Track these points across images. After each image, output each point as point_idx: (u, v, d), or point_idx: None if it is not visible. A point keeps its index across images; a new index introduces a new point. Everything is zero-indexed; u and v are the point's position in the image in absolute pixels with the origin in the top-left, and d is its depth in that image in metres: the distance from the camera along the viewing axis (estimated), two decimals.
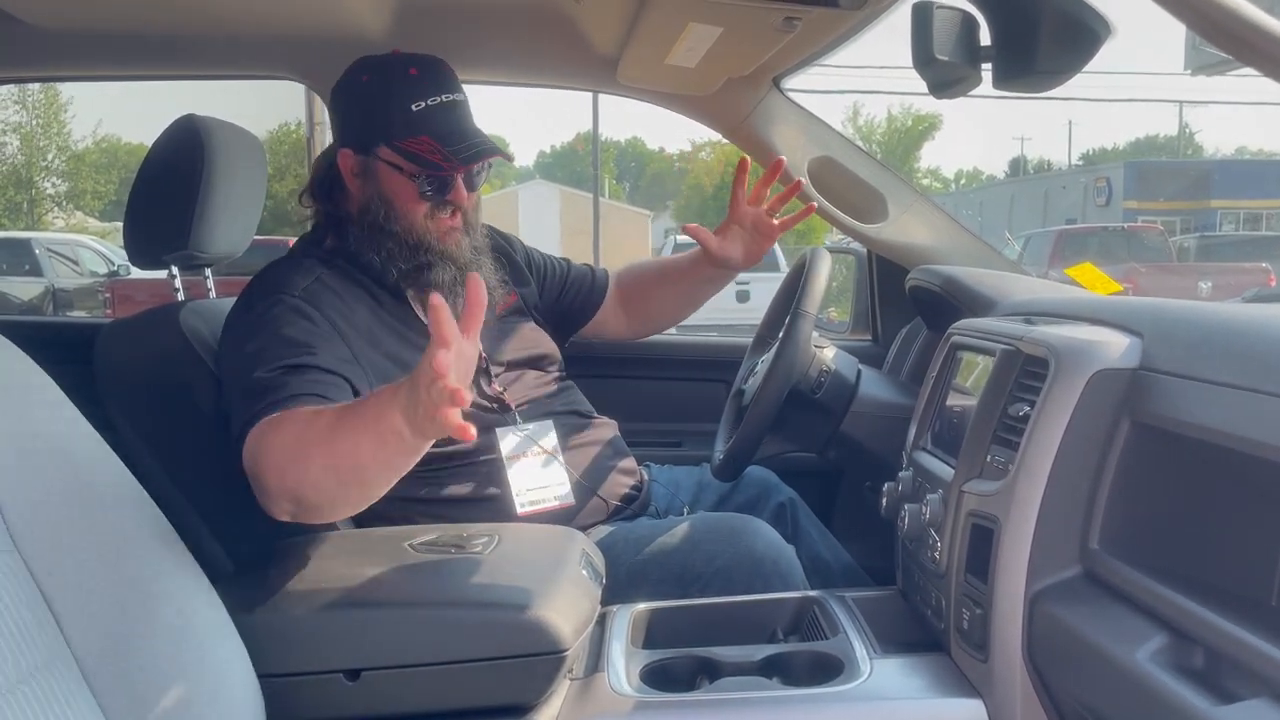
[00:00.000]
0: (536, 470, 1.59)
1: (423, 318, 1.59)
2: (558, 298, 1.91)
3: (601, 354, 2.07)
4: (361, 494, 1.22)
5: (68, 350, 1.44)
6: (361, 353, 1.48)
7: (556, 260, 1.97)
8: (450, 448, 1.54)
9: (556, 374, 1.77)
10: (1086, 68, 1.11)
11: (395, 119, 1.53)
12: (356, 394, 1.42)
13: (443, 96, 1.55)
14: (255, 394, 1.34)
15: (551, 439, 1.63)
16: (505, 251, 1.82)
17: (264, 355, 1.38)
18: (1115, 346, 1.04)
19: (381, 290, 1.59)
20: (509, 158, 1.62)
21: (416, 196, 1.56)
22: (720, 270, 1.91)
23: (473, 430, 1.02)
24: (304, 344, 1.40)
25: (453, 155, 1.53)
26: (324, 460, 1.20)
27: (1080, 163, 47.29)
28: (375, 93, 1.56)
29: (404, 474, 1.21)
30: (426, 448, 1.17)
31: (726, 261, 1.85)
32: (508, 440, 1.58)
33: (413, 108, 1.53)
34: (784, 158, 1.81)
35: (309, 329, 1.43)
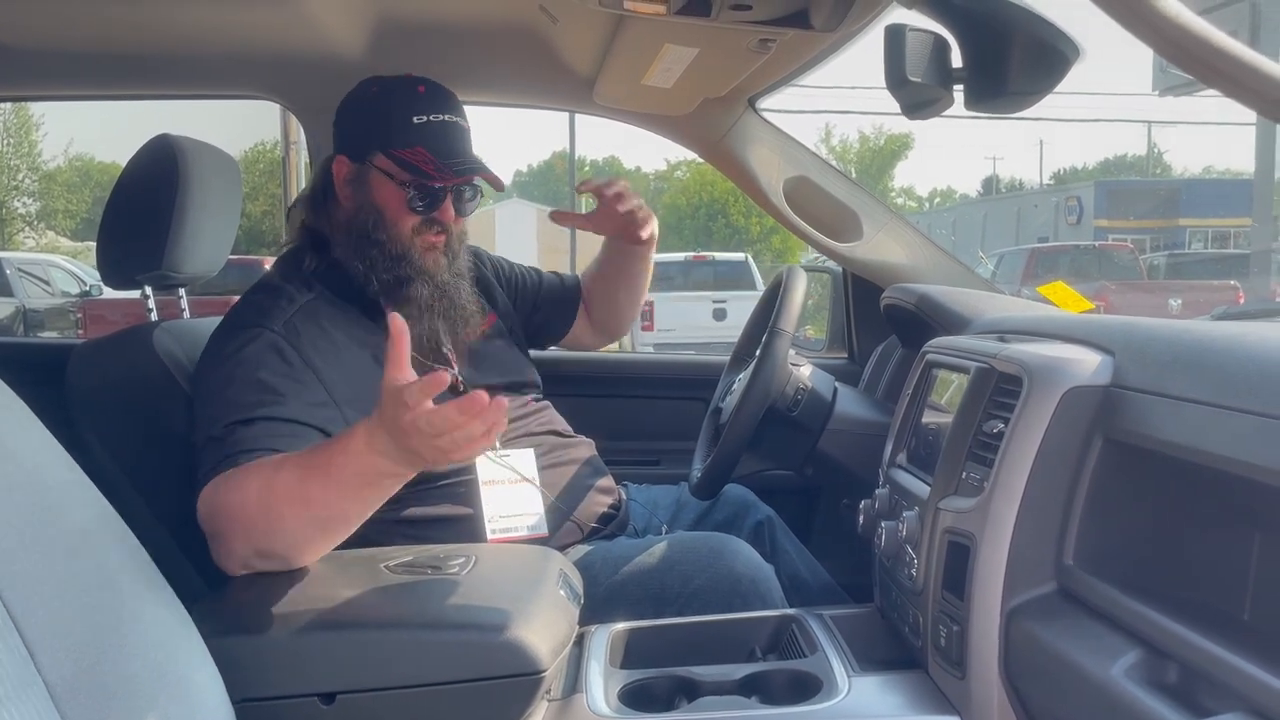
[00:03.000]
0: (511, 497, 1.58)
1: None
2: (531, 312, 1.91)
3: (579, 373, 2.07)
4: (343, 532, 1.26)
5: (39, 371, 1.42)
6: (339, 392, 1.46)
7: (528, 271, 1.98)
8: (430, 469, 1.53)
9: (534, 395, 1.76)
10: (1057, 88, 1.13)
11: (395, 128, 1.55)
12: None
13: (445, 115, 1.57)
14: (215, 444, 1.34)
15: (530, 466, 1.62)
16: (475, 268, 1.82)
17: (232, 401, 1.38)
18: (1087, 364, 1.05)
19: (362, 314, 1.58)
20: (499, 183, 1.64)
21: (405, 207, 1.56)
22: (627, 246, 1.94)
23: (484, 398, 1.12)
24: (274, 391, 1.40)
25: (445, 167, 1.54)
26: (298, 512, 1.23)
27: (1051, 182, 47.85)
28: (380, 103, 1.59)
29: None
30: (390, 489, 1.23)
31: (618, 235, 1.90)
32: (485, 466, 1.57)
33: (414, 119, 1.55)
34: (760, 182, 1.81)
35: (283, 371, 1.42)
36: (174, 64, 1.99)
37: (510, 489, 1.58)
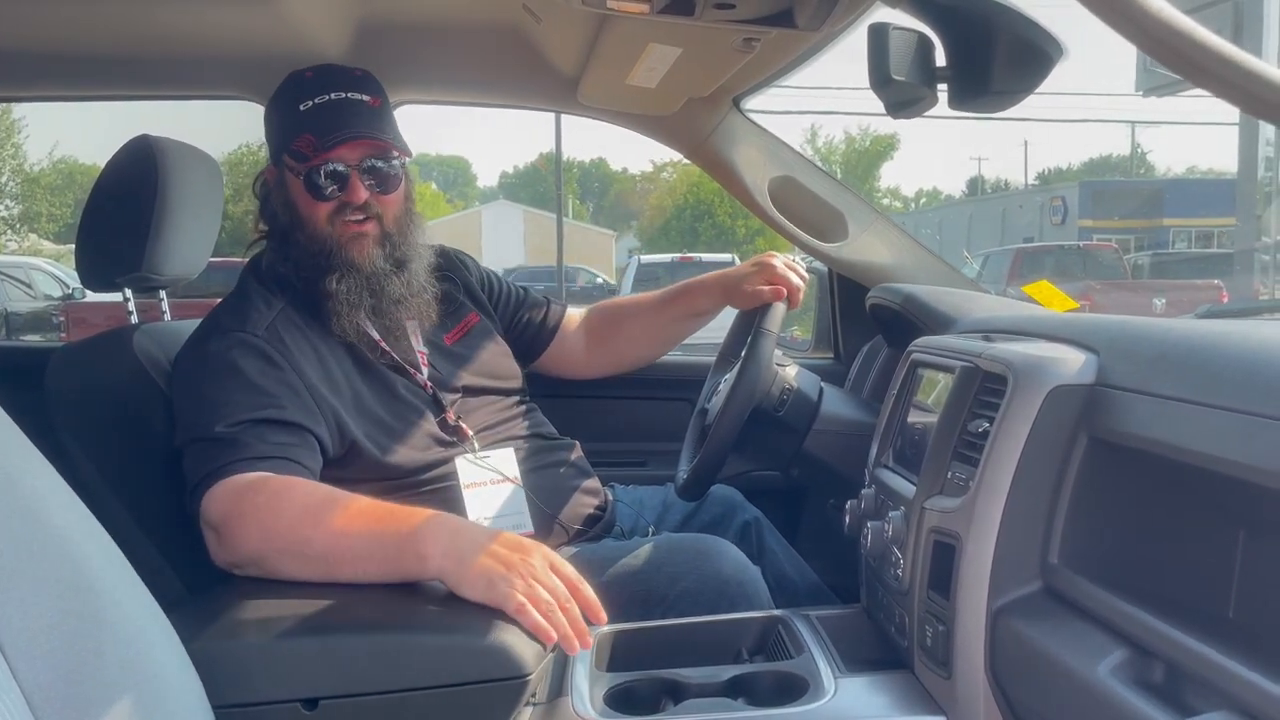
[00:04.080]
0: (495, 499, 1.57)
1: (372, 333, 1.57)
2: (508, 327, 1.89)
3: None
4: (334, 580, 1.22)
5: (18, 375, 1.41)
6: (321, 397, 1.46)
7: (514, 286, 1.95)
8: (407, 478, 1.52)
9: (517, 397, 1.75)
10: (1041, 88, 1.13)
11: (287, 122, 1.55)
12: (321, 448, 1.42)
13: (330, 94, 1.53)
14: (222, 445, 1.33)
15: (512, 466, 1.61)
16: (459, 273, 1.80)
17: (227, 405, 1.37)
18: (1072, 363, 1.05)
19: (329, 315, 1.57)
20: (392, 145, 1.55)
21: (310, 197, 1.54)
22: (701, 316, 1.93)
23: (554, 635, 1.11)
24: (269, 394, 1.39)
25: (322, 144, 1.50)
26: (323, 549, 1.21)
27: (1036, 182, 48.15)
28: (276, 102, 1.59)
29: None
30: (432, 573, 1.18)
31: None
32: (465, 468, 1.56)
33: (299, 108, 1.53)
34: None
35: (275, 376, 1.42)
36: (157, 65, 1.98)
37: (492, 489, 1.57)
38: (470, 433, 1.59)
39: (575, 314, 2.00)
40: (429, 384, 1.59)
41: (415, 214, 1.64)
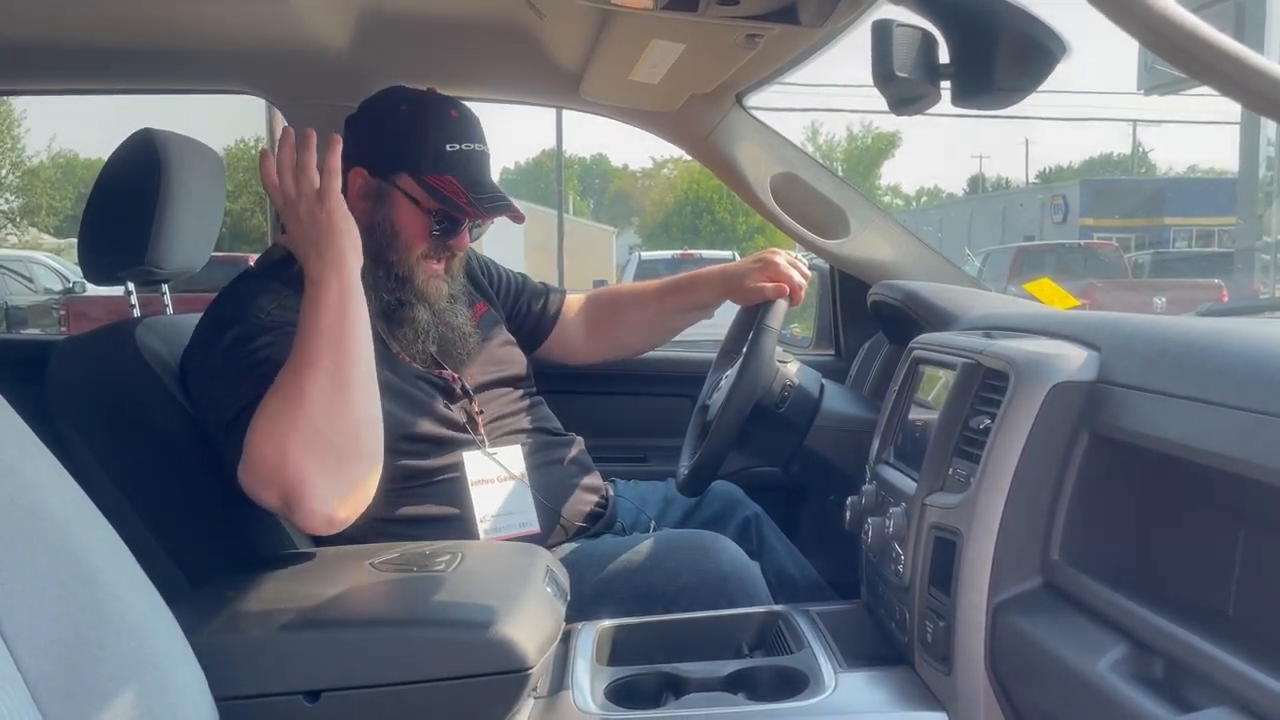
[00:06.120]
0: (501, 496, 1.58)
1: (383, 336, 1.57)
2: (511, 315, 1.90)
3: (567, 370, 2.07)
4: (356, 379, 1.29)
5: (20, 368, 1.41)
6: None
7: (512, 274, 1.96)
8: (420, 462, 1.52)
9: (525, 390, 1.76)
10: (1043, 87, 1.13)
11: (428, 153, 1.55)
12: None
13: (475, 145, 1.58)
14: (236, 427, 1.31)
15: (519, 464, 1.62)
16: (465, 265, 1.81)
17: (245, 382, 1.36)
18: (1073, 360, 1.05)
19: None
20: (520, 217, 1.66)
21: (425, 233, 1.57)
22: (702, 309, 1.94)
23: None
24: (275, 362, 1.38)
25: (478, 202, 1.55)
26: (314, 377, 1.26)
27: (1037, 181, 48.12)
28: (412, 123, 1.57)
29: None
30: (356, 275, 1.34)
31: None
32: (474, 463, 1.57)
33: (448, 147, 1.55)
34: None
35: (278, 346, 1.42)
36: (158, 58, 1.97)
37: (499, 487, 1.57)
38: (482, 424, 1.60)
39: (575, 300, 2.01)
40: (455, 376, 1.61)
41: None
